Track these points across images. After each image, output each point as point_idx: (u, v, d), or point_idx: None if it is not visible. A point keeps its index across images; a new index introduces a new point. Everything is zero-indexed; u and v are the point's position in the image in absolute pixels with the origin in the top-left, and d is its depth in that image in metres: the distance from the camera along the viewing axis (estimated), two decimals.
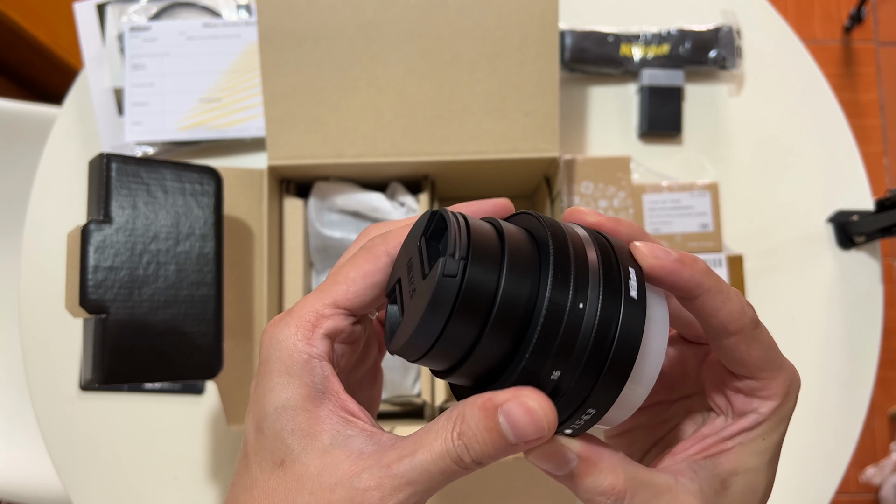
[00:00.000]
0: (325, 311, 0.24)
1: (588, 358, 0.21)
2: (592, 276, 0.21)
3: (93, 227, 0.46)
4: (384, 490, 0.21)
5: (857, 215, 0.65)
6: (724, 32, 0.69)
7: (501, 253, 0.21)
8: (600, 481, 0.23)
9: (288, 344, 0.23)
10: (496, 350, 0.21)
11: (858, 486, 1.35)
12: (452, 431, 0.21)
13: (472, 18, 0.53)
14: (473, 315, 0.21)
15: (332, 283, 0.25)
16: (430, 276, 0.21)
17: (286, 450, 0.22)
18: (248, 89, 0.68)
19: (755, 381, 0.25)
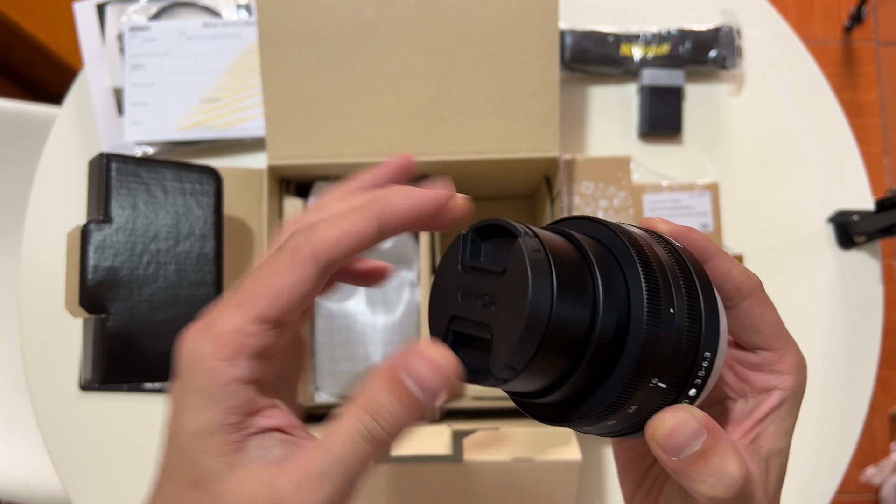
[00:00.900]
0: (249, 329, 0.22)
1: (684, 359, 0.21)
2: (673, 279, 0.22)
3: (93, 227, 0.46)
4: (302, 491, 0.20)
5: (857, 215, 0.65)
6: (724, 32, 0.69)
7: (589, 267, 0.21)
8: (727, 462, 0.22)
9: (208, 364, 0.21)
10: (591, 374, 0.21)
11: (859, 486, 1.35)
12: (360, 413, 0.21)
13: (472, 18, 0.53)
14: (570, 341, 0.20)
15: (255, 296, 0.22)
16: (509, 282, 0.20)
17: (199, 471, 0.21)
18: (248, 89, 0.68)
19: (771, 352, 0.26)
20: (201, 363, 0.21)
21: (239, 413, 0.21)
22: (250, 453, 0.21)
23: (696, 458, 0.21)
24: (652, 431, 0.22)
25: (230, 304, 0.22)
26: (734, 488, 0.22)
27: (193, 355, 0.22)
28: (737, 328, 0.26)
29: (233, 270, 0.54)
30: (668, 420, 0.21)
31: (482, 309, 0.21)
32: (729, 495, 0.22)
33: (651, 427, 0.22)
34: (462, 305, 0.22)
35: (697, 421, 0.22)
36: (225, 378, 0.21)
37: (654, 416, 0.22)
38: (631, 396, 0.21)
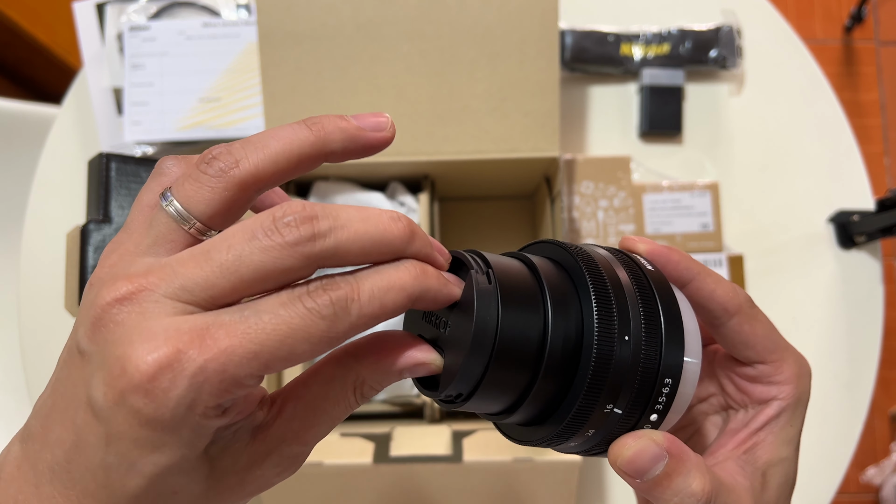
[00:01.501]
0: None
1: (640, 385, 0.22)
2: (632, 303, 0.22)
3: (92, 227, 0.46)
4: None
5: (857, 215, 0.65)
6: (724, 32, 0.69)
7: (541, 290, 0.21)
8: (690, 482, 0.22)
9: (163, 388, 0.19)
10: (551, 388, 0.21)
11: (859, 486, 1.35)
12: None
13: (472, 18, 0.53)
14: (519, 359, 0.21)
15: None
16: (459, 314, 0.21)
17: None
18: (248, 89, 0.68)
19: (766, 364, 0.26)
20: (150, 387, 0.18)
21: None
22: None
23: (659, 479, 0.22)
24: (614, 457, 0.22)
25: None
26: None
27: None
28: (728, 345, 0.26)
29: None
30: (628, 446, 0.22)
31: (438, 332, 0.22)
32: None
33: (613, 453, 0.22)
34: (424, 325, 0.23)
35: (659, 445, 0.22)
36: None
37: (616, 442, 0.22)
38: (586, 420, 0.21)
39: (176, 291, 0.18)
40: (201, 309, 0.18)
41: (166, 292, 0.18)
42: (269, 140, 0.19)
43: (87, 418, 0.18)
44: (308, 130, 0.20)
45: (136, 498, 0.18)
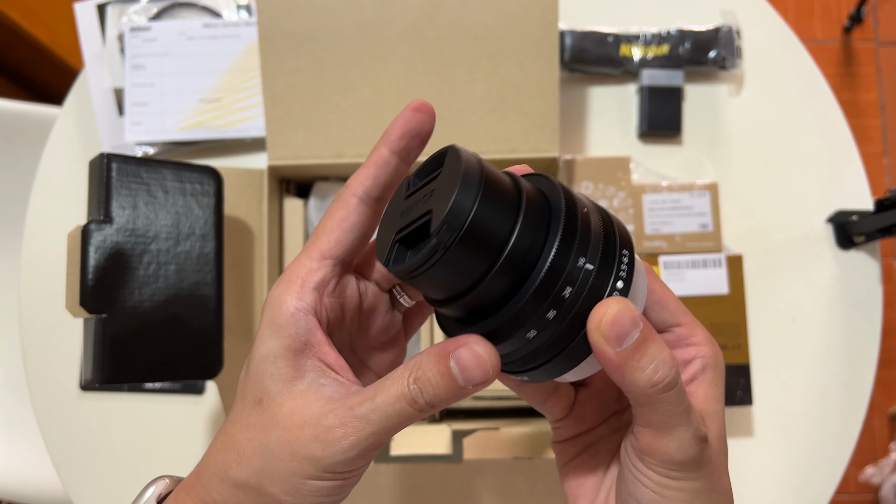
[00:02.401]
0: (313, 266, 0.26)
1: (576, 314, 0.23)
2: (594, 244, 0.23)
3: (93, 227, 0.46)
4: (347, 429, 0.23)
5: (856, 215, 0.65)
6: (723, 32, 0.69)
7: (518, 198, 0.23)
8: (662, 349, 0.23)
9: (278, 299, 0.26)
10: (498, 288, 0.22)
11: (858, 485, 1.35)
12: (409, 377, 0.24)
13: (472, 18, 0.53)
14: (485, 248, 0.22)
15: (315, 239, 0.27)
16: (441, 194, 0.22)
17: (264, 390, 0.25)
18: (249, 89, 0.68)
19: (682, 326, 0.27)
20: (273, 299, 0.26)
21: (301, 340, 0.25)
22: (307, 383, 0.25)
23: (636, 346, 0.23)
24: (597, 322, 0.22)
25: (300, 253, 0.27)
26: (671, 372, 0.23)
27: (270, 296, 0.26)
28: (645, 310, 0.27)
29: (233, 270, 0.54)
30: (610, 309, 0.22)
31: (424, 204, 0.23)
32: (668, 378, 0.23)
33: (595, 318, 0.23)
34: (404, 218, 0.24)
35: (633, 310, 0.23)
36: (290, 309, 0.25)
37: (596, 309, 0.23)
38: (527, 320, 0.22)
39: None
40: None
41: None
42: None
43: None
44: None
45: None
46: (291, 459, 0.24)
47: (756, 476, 0.63)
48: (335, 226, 0.27)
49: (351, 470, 0.24)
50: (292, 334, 0.25)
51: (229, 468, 0.25)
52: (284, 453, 0.24)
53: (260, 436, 0.25)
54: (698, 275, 0.63)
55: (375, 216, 0.27)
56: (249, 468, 0.25)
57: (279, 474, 0.24)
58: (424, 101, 0.28)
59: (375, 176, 0.27)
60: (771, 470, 0.63)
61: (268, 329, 0.26)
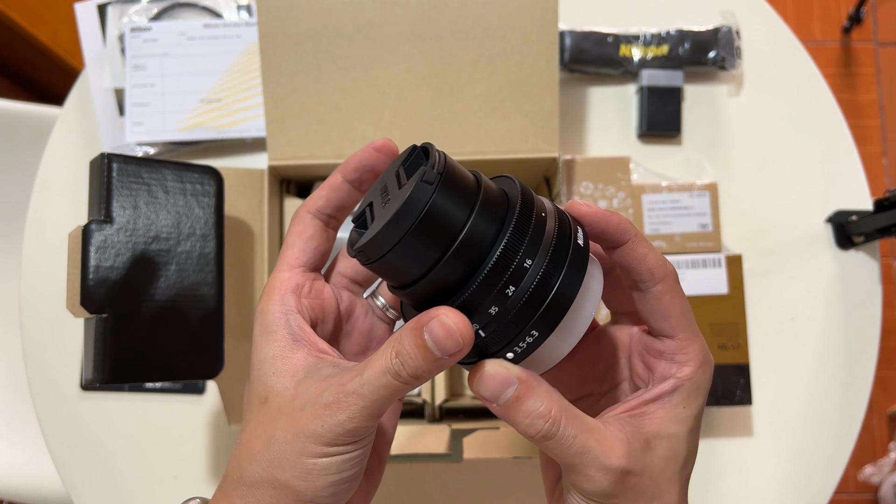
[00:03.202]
0: (285, 276, 0.30)
1: (525, 303, 0.24)
2: (545, 242, 0.24)
3: (94, 227, 0.46)
4: (340, 404, 0.25)
5: (855, 215, 0.65)
6: (723, 33, 0.69)
7: (477, 191, 0.25)
8: (538, 404, 0.25)
9: (263, 310, 0.29)
10: (450, 276, 0.24)
11: (857, 485, 1.35)
12: (391, 352, 0.25)
13: (472, 19, 0.53)
14: (440, 232, 0.24)
15: (282, 255, 0.30)
16: (407, 185, 0.24)
17: (268, 389, 0.27)
18: (249, 90, 0.68)
19: (674, 340, 0.27)
20: (261, 312, 0.29)
21: (293, 337, 0.28)
22: (306, 371, 0.27)
23: (511, 402, 0.25)
24: (470, 380, 0.25)
25: (274, 271, 0.30)
26: (545, 426, 0.25)
27: (258, 310, 0.29)
28: (646, 312, 0.28)
29: (234, 270, 0.54)
30: (484, 370, 0.25)
31: (383, 202, 0.26)
32: (542, 432, 0.25)
33: (470, 375, 0.25)
34: (378, 197, 0.27)
35: (510, 373, 0.25)
36: (275, 314, 0.28)
37: (475, 366, 0.25)
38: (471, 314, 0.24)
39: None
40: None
41: None
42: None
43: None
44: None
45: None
46: (296, 441, 0.25)
47: (755, 475, 0.63)
48: (295, 239, 0.30)
49: (354, 441, 0.25)
50: (283, 335, 0.28)
51: (243, 470, 0.26)
52: (289, 436, 0.25)
53: (267, 429, 0.26)
54: (698, 275, 0.63)
55: (329, 229, 0.32)
56: (260, 462, 0.26)
57: (287, 459, 0.25)
58: (388, 142, 0.31)
59: (328, 197, 0.31)
60: (770, 469, 0.63)
61: (260, 337, 0.28)
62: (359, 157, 0.30)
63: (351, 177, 0.31)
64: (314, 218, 0.31)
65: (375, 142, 0.30)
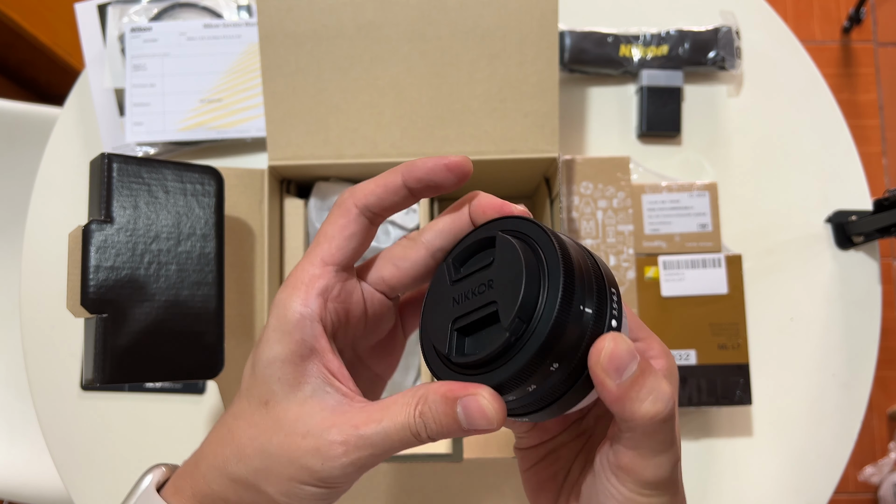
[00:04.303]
0: (316, 271, 0.27)
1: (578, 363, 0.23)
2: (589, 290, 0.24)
3: (94, 227, 0.46)
4: (348, 446, 0.24)
5: (855, 215, 0.65)
6: (723, 33, 0.69)
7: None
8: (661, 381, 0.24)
9: (284, 304, 0.26)
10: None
11: (857, 485, 1.35)
12: (415, 410, 0.24)
13: (472, 19, 0.53)
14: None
15: (316, 245, 0.28)
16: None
17: (271, 393, 0.26)
18: (249, 90, 0.68)
19: (640, 342, 0.28)
20: (280, 304, 0.27)
21: (307, 346, 0.26)
22: (311, 389, 0.26)
23: (634, 379, 0.23)
24: (596, 357, 0.23)
25: (302, 259, 0.28)
26: (670, 403, 0.24)
27: (277, 298, 0.27)
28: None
29: (234, 270, 0.55)
30: (608, 344, 0.23)
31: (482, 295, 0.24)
32: (667, 410, 0.24)
33: (595, 353, 0.23)
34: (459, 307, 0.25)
35: (630, 344, 0.23)
36: (296, 314, 0.26)
37: (595, 345, 0.23)
38: (531, 375, 0.23)
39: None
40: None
41: None
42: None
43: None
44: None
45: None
46: (290, 465, 0.25)
47: (755, 475, 0.63)
48: (336, 233, 0.27)
49: (345, 483, 0.25)
50: (298, 340, 0.26)
51: (228, 463, 0.26)
52: (283, 458, 0.25)
53: (262, 437, 0.26)
54: (698, 275, 0.63)
55: (373, 228, 0.29)
56: (248, 466, 0.26)
57: (276, 476, 0.25)
58: (464, 162, 0.28)
59: (381, 196, 0.28)
60: (770, 469, 0.63)
61: (275, 333, 0.26)
62: (428, 168, 0.27)
63: (413, 185, 0.27)
64: (360, 214, 0.28)
65: (450, 158, 0.27)
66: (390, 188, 0.27)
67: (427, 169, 0.27)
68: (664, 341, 0.62)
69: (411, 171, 0.27)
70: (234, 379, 0.52)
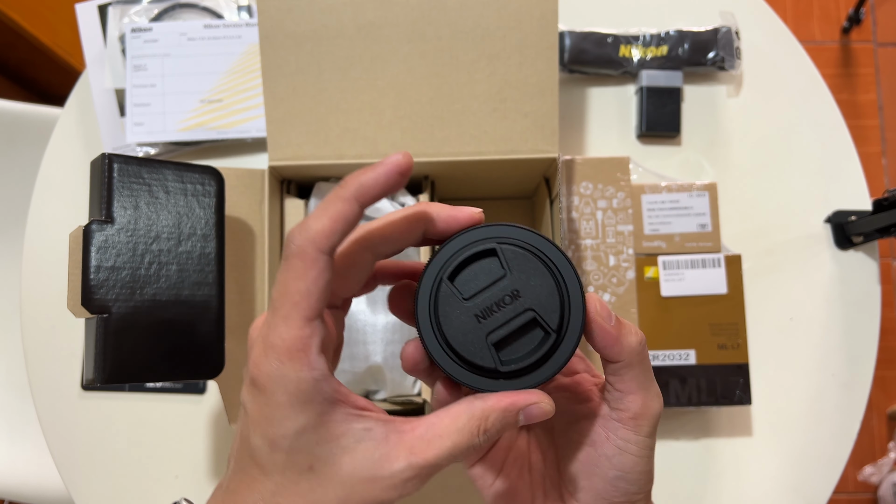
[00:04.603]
0: (304, 332, 0.25)
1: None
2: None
3: (95, 228, 0.46)
4: (420, 474, 0.25)
5: (854, 216, 0.65)
6: (722, 34, 0.69)
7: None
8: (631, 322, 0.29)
9: (292, 377, 0.25)
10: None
11: (856, 485, 1.35)
12: (479, 429, 0.26)
13: (472, 19, 0.53)
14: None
15: (292, 303, 0.25)
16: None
17: (314, 458, 0.25)
18: (249, 90, 0.68)
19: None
20: (285, 378, 0.25)
21: (329, 402, 0.25)
22: (356, 435, 0.26)
23: (619, 322, 0.28)
24: (594, 311, 0.28)
25: (275, 320, 0.25)
26: (641, 333, 0.29)
27: (272, 376, 0.25)
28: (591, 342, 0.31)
29: (234, 270, 0.55)
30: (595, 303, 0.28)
31: (511, 306, 0.27)
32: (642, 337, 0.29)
33: (591, 309, 0.28)
34: (489, 321, 0.27)
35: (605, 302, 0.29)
36: (310, 382, 0.25)
37: (588, 303, 0.28)
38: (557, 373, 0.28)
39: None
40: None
41: None
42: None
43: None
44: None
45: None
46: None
47: (755, 475, 0.63)
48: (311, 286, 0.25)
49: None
50: (320, 401, 0.25)
51: None
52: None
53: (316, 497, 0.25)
54: (697, 275, 0.63)
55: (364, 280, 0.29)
56: None
57: None
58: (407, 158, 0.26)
59: (343, 231, 0.25)
60: (769, 469, 0.63)
61: (291, 408, 0.25)
62: (381, 184, 0.26)
63: (370, 204, 0.26)
64: (325, 255, 0.25)
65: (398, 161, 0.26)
66: (350, 219, 0.25)
67: (381, 185, 0.26)
68: (664, 341, 0.62)
69: (365, 193, 0.25)
70: (234, 379, 0.52)
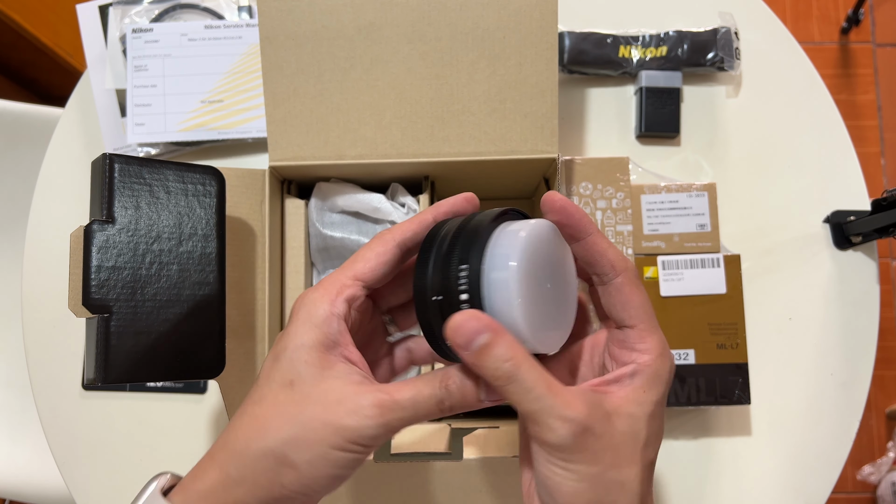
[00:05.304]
0: (347, 282, 0.31)
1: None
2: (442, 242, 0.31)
3: (96, 228, 0.46)
4: (382, 408, 0.27)
5: (853, 216, 0.65)
6: (722, 34, 0.69)
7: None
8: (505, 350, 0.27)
9: (314, 302, 0.30)
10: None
11: (855, 484, 1.35)
12: (442, 384, 0.28)
13: (472, 20, 0.53)
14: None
15: (352, 262, 0.32)
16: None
17: (296, 374, 0.28)
18: (250, 91, 0.69)
19: (634, 330, 0.29)
20: (309, 303, 0.30)
21: (332, 339, 0.29)
22: (337, 372, 0.29)
23: (482, 349, 0.26)
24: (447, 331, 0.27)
25: (335, 271, 0.32)
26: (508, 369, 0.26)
27: (305, 299, 0.31)
28: (609, 304, 0.30)
29: (235, 270, 0.55)
30: (455, 319, 0.27)
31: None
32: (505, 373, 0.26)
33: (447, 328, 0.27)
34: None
35: (479, 321, 0.26)
36: (325, 311, 0.30)
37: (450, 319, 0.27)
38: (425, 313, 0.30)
39: None
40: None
41: None
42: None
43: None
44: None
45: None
46: (324, 429, 0.27)
47: (754, 475, 0.64)
48: (373, 256, 0.32)
49: (371, 446, 0.28)
50: (326, 332, 0.29)
51: (252, 441, 0.28)
52: (317, 423, 0.27)
53: (292, 409, 0.28)
54: (696, 274, 0.63)
55: (403, 259, 0.33)
56: (276, 438, 0.27)
57: (307, 443, 0.27)
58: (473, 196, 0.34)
59: (416, 231, 0.33)
60: (768, 469, 0.64)
61: (303, 325, 0.29)
62: (451, 203, 0.33)
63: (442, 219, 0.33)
64: (397, 247, 0.32)
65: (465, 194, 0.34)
66: (424, 224, 0.33)
67: (451, 204, 0.33)
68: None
69: (438, 208, 0.33)
70: (235, 379, 0.52)
